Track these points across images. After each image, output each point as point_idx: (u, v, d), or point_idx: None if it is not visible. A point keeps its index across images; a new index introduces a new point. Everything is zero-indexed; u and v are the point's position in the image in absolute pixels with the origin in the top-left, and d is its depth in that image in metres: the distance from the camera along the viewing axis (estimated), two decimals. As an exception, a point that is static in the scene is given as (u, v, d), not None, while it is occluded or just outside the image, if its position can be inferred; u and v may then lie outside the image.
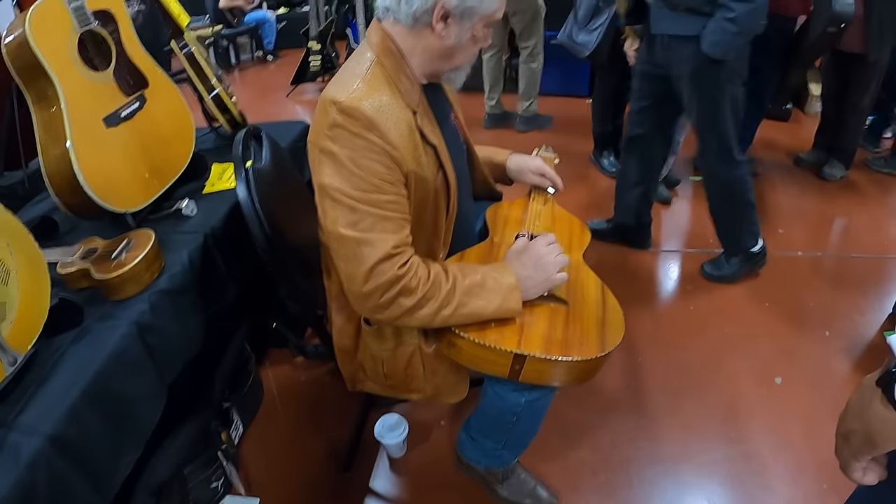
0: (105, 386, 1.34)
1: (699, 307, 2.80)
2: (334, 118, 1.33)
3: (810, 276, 3.03)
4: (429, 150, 1.47)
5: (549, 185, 1.92)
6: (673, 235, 3.42)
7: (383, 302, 1.35)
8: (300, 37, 6.24)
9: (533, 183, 1.93)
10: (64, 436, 1.22)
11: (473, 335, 1.41)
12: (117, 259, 1.56)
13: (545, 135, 4.82)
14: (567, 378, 1.45)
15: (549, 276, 1.48)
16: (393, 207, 1.36)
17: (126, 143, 1.78)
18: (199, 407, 1.88)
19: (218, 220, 1.87)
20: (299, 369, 2.54)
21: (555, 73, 5.22)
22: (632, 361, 2.49)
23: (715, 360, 2.48)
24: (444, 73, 1.50)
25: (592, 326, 1.48)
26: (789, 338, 2.60)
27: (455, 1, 1.34)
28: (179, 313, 1.62)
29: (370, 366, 1.66)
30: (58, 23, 1.65)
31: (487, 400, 1.61)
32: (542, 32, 4.65)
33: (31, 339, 1.32)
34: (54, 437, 1.20)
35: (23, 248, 1.34)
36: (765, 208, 3.61)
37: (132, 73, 1.86)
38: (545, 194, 1.93)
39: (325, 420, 2.29)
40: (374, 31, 1.46)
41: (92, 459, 1.28)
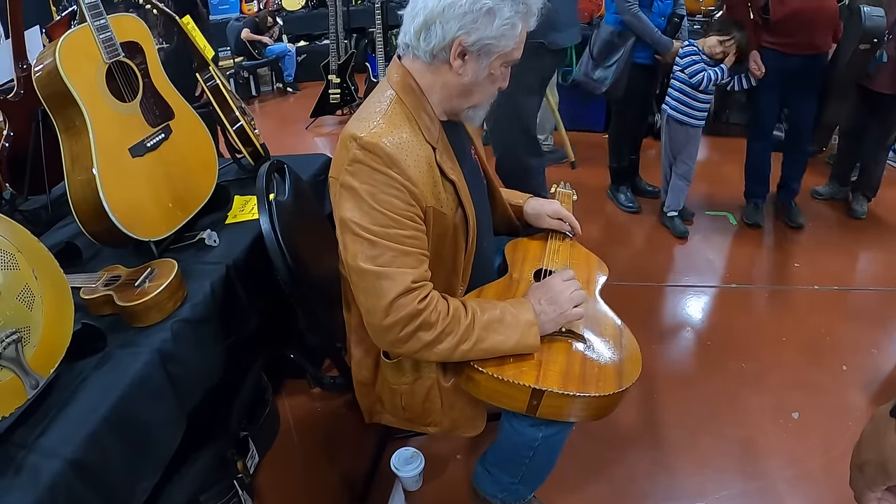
0: (126, 412, 1.35)
1: (716, 342, 2.79)
2: (354, 154, 1.35)
3: (827, 309, 3.01)
4: (448, 186, 1.48)
5: (567, 229, 1.91)
6: (689, 270, 3.41)
7: (403, 335, 1.36)
8: (320, 70, 6.30)
9: (551, 227, 1.92)
10: (84, 460, 1.23)
11: (492, 370, 1.41)
12: (141, 287, 1.58)
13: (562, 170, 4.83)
14: (584, 414, 1.45)
15: (564, 312, 1.48)
16: (412, 243, 1.37)
17: (151, 173, 1.81)
18: (217, 435, 1.88)
19: (240, 252, 1.89)
20: (316, 400, 2.53)
21: (571, 110, 5.25)
22: (648, 396, 2.47)
23: (731, 395, 2.47)
24: (462, 110, 1.51)
25: (610, 362, 1.48)
26: (806, 372, 2.58)
27: (472, 38, 1.35)
28: (201, 342, 1.64)
29: (388, 398, 1.66)
30: (87, 53, 1.69)
31: (504, 434, 1.60)
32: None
33: (53, 363, 1.33)
34: (74, 461, 1.21)
35: (48, 273, 1.36)
36: (781, 242, 3.61)
37: (158, 105, 1.90)
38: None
39: (341, 451, 2.28)
40: (394, 68, 1.49)
41: (110, 484, 1.29)
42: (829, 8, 3.21)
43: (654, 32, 3.42)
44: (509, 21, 1.36)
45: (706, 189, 4.19)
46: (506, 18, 1.35)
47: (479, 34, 1.35)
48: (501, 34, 1.37)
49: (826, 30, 3.27)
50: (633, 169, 4.18)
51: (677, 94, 3.47)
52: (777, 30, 3.25)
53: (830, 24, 3.26)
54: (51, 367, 1.32)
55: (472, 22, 1.34)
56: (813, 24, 3.19)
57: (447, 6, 1.33)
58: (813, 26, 3.19)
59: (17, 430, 1.26)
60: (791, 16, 3.17)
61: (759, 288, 3.18)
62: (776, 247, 3.50)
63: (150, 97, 1.87)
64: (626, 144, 4.00)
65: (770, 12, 3.23)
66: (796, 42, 3.23)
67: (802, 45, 3.24)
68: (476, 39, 1.36)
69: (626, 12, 3.40)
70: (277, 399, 2.47)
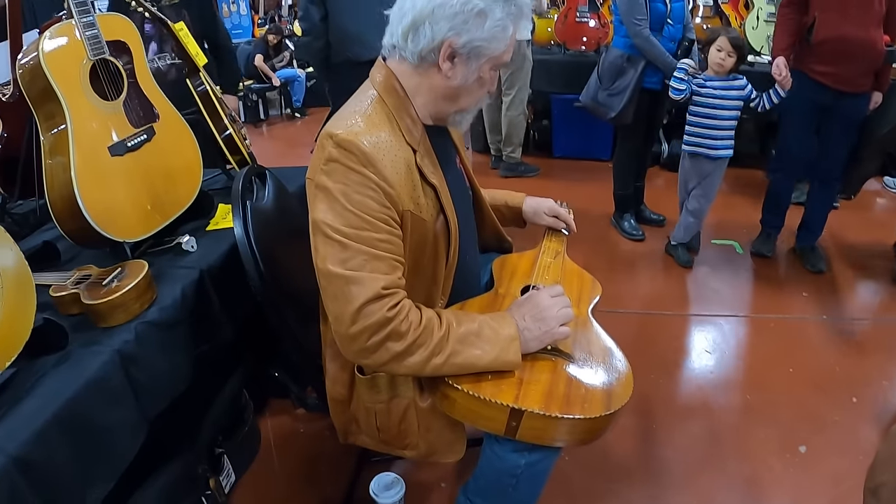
0: (79, 412, 1.30)
1: (720, 373, 2.70)
2: (330, 152, 1.30)
3: (836, 340, 2.92)
4: (428, 191, 1.42)
5: (562, 226, 1.90)
6: (694, 299, 3.33)
7: (370, 345, 1.28)
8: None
9: (547, 224, 1.92)
10: (29, 457, 1.18)
11: (468, 387, 1.32)
12: (108, 286, 1.53)
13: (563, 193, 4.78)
14: (569, 438, 1.35)
15: (549, 329, 1.41)
16: (385, 247, 1.30)
17: (130, 174, 1.76)
18: (185, 448, 1.82)
19: (217, 258, 1.83)
20: (299, 421, 2.46)
21: (576, 137, 5.23)
22: (646, 427, 2.38)
23: (736, 428, 2.37)
24: (448, 114, 1.47)
25: (598, 383, 1.39)
26: (815, 405, 2.49)
27: (462, 40, 1.31)
28: (167, 347, 1.58)
29: (363, 418, 1.58)
30: (71, 48, 1.67)
31: (486, 460, 1.51)
32: (526, 84, 4.71)
33: (9, 357, 1.29)
34: (18, 458, 1.16)
35: (12, 265, 1.33)
36: (789, 271, 3.53)
37: (143, 106, 1.86)
38: (556, 244, 1.87)
39: (322, 475, 2.20)
40: (378, 69, 1.44)
41: (56, 485, 1.23)
42: (875, 44, 3.07)
43: (665, 56, 3.38)
44: (500, 23, 1.32)
45: (713, 217, 4.11)
46: (497, 20, 1.32)
47: (470, 36, 1.31)
48: (492, 36, 1.33)
49: (867, 67, 3.12)
50: (638, 197, 4.12)
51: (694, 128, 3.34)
52: (817, 53, 3.11)
53: (873, 62, 3.11)
54: (6, 362, 1.29)
55: (462, 23, 1.30)
56: (855, 57, 3.05)
57: (437, 6, 1.29)
58: (854, 59, 3.05)
59: (-34, 423, 1.22)
60: (834, 41, 3.04)
61: (765, 318, 3.09)
62: (784, 276, 3.41)
63: (134, 97, 1.83)
64: (632, 171, 3.94)
65: (813, 32, 3.11)
66: (835, 73, 3.09)
67: (840, 79, 3.10)
68: (466, 41, 1.31)
69: (638, 35, 3.37)
70: (260, 419, 2.40)
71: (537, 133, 5.45)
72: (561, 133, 5.29)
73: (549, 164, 5.24)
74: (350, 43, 3.26)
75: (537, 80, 4.94)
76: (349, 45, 3.27)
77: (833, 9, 3.02)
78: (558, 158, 5.33)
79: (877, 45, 3.07)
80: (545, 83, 5.00)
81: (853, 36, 3.01)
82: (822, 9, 3.06)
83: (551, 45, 5.17)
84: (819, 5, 3.07)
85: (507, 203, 1.94)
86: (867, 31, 3.02)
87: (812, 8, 3.11)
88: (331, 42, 3.37)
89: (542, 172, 4.99)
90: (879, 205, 4.43)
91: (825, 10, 3.05)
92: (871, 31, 3.03)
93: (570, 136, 5.21)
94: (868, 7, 3.00)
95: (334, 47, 3.38)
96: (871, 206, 4.38)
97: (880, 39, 3.08)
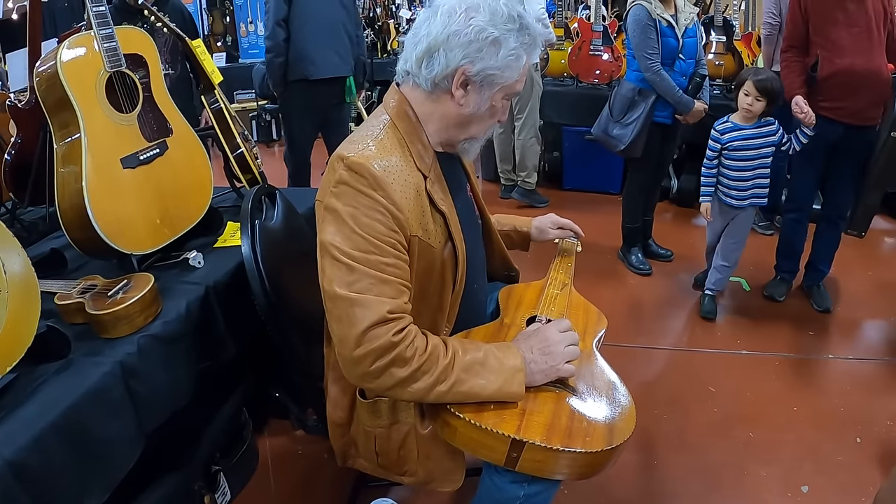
0: (77, 421, 1.31)
1: (723, 409, 2.66)
2: (340, 174, 1.31)
3: (841, 379, 2.89)
4: (437, 218, 1.42)
5: (569, 236, 1.93)
6: (698, 335, 3.30)
7: (374, 370, 1.27)
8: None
9: (555, 236, 1.96)
10: (23, 463, 1.19)
11: (470, 416, 1.31)
12: (113, 297, 1.53)
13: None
14: (569, 471, 1.34)
15: (555, 365, 1.40)
16: (392, 272, 1.30)
17: (141, 187, 1.77)
18: (183, 464, 1.81)
19: (223, 275, 1.84)
20: (298, 443, 2.44)
21: (587, 170, 5.23)
22: (648, 462, 2.35)
23: (738, 466, 2.34)
24: (458, 141, 1.47)
25: (601, 417, 1.38)
26: (818, 444, 2.46)
27: (476, 68, 1.32)
28: (169, 361, 1.58)
29: (363, 442, 1.57)
30: (89, 59, 1.69)
31: (484, 490, 1.49)
32: (536, 108, 4.73)
33: (11, 362, 1.29)
34: (13, 463, 1.17)
35: (18, 271, 1.33)
36: (795, 309, 3.49)
37: (157, 120, 1.87)
38: (563, 276, 1.86)
39: (318, 497, 2.18)
40: (391, 94, 1.45)
41: (51, 494, 1.24)
42: (881, 72, 3.04)
43: (675, 91, 3.39)
44: (514, 52, 1.33)
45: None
46: (511, 49, 1.32)
47: (483, 64, 1.32)
48: (506, 65, 1.33)
49: (876, 98, 3.07)
50: (647, 231, 4.10)
51: (722, 177, 3.23)
52: (824, 90, 3.09)
53: (882, 92, 3.07)
54: (7, 366, 1.29)
55: (476, 51, 1.31)
56: (862, 88, 3.02)
57: (452, 34, 1.30)
58: (862, 90, 3.02)
59: (-37, 425, 1.23)
60: (839, 75, 3.02)
61: (770, 355, 3.05)
62: (790, 314, 3.38)
63: (148, 111, 1.85)
64: (641, 205, 3.93)
65: (818, 69, 3.09)
66: (843, 108, 3.06)
67: (849, 112, 3.06)
68: (480, 69, 1.32)
69: (649, 70, 3.38)
70: (259, 438, 2.38)
71: (548, 164, 5.45)
72: (571, 165, 5.28)
73: (558, 195, 5.23)
74: (307, 63, 3.81)
75: (549, 112, 4.95)
76: (306, 64, 3.81)
77: (834, 44, 3.02)
78: (568, 190, 5.31)
79: (882, 73, 3.05)
80: (557, 115, 5.01)
81: (859, 67, 3.00)
82: (822, 46, 3.06)
83: (564, 77, 5.19)
84: (819, 44, 3.07)
85: (515, 227, 1.97)
86: (871, 59, 3.01)
87: (813, 47, 3.10)
88: (289, 61, 3.82)
89: (552, 203, 4.98)
90: (887, 244, 4.42)
91: (825, 47, 3.05)
92: (875, 59, 3.02)
93: (581, 169, 5.20)
94: (868, 36, 3.00)
95: (292, 66, 3.83)
96: (879, 244, 4.36)
97: (885, 67, 3.07)
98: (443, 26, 1.31)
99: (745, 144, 3.13)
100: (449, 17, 1.31)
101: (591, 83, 4.91)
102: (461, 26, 1.30)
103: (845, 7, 3.00)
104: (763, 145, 3.13)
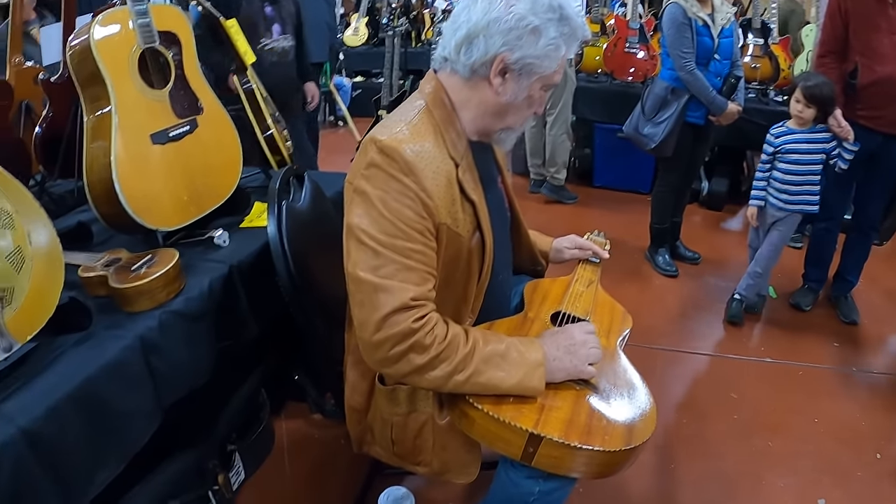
0: (94, 392, 1.31)
1: (744, 417, 2.63)
2: (372, 157, 1.30)
3: (864, 393, 2.84)
4: (467, 207, 1.41)
5: (588, 255, 1.88)
6: (722, 340, 3.26)
7: (392, 355, 1.26)
8: (372, 105, 6.38)
9: (571, 257, 1.90)
10: (39, 433, 1.19)
11: (488, 407, 1.30)
12: (136, 272, 1.53)
13: (600, 221, 4.74)
14: (586, 470, 1.32)
15: (577, 365, 1.38)
16: (418, 258, 1.29)
17: (170, 163, 1.77)
18: (199, 442, 1.82)
19: (248, 255, 1.83)
20: (315, 426, 2.44)
21: (617, 168, 5.17)
22: (664, 466, 2.33)
23: (755, 475, 2.31)
24: (494, 131, 1.45)
25: (621, 416, 1.36)
26: (837, 457, 2.42)
27: (515, 55, 1.30)
28: (190, 338, 1.58)
29: (379, 429, 1.56)
30: (122, 35, 1.69)
31: (498, 484, 1.48)
32: (569, 104, 4.72)
33: (31, 331, 1.30)
34: (29, 431, 1.17)
35: (44, 241, 1.35)
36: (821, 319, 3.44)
37: (188, 98, 1.87)
38: (590, 273, 1.84)
39: (332, 482, 2.18)
40: (428, 80, 1.44)
41: (65, 464, 1.24)
42: None
43: (709, 92, 3.34)
44: (554, 42, 1.31)
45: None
46: (551, 39, 1.31)
47: (523, 52, 1.31)
48: (545, 54, 1.32)
49: None
50: (675, 232, 4.06)
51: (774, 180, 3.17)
52: (863, 99, 3.01)
53: None
54: (28, 335, 1.29)
55: (516, 39, 1.29)
56: None
57: (492, 21, 1.29)
58: None
59: (-19, 391, 1.24)
60: (879, 83, 2.94)
61: (794, 365, 3.01)
62: (815, 325, 3.32)
63: (180, 88, 1.85)
64: (670, 205, 3.88)
65: (857, 77, 3.01)
66: (882, 117, 2.99)
67: (888, 122, 2.99)
68: (519, 57, 1.31)
69: (683, 69, 3.33)
70: (275, 420, 2.39)
71: (578, 161, 5.41)
72: (602, 162, 5.23)
73: (587, 192, 5.19)
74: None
75: (582, 108, 4.91)
76: None
77: (874, 51, 2.94)
78: (597, 188, 5.27)
79: None
80: (589, 111, 4.96)
81: None
82: (861, 53, 2.97)
83: (598, 73, 5.15)
84: (859, 50, 2.98)
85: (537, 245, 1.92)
86: None
87: (852, 53, 3.02)
88: None
89: (580, 201, 4.94)
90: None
91: (865, 54, 2.96)
92: None
93: (611, 167, 5.15)
94: None
95: None
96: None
97: None
98: (483, 13, 1.29)
99: (796, 148, 3.08)
100: (490, 3, 1.29)
101: (625, 81, 4.86)
102: (502, 13, 1.28)
103: (888, 13, 2.91)
104: (814, 151, 3.07)
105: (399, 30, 5.74)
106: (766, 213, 3.24)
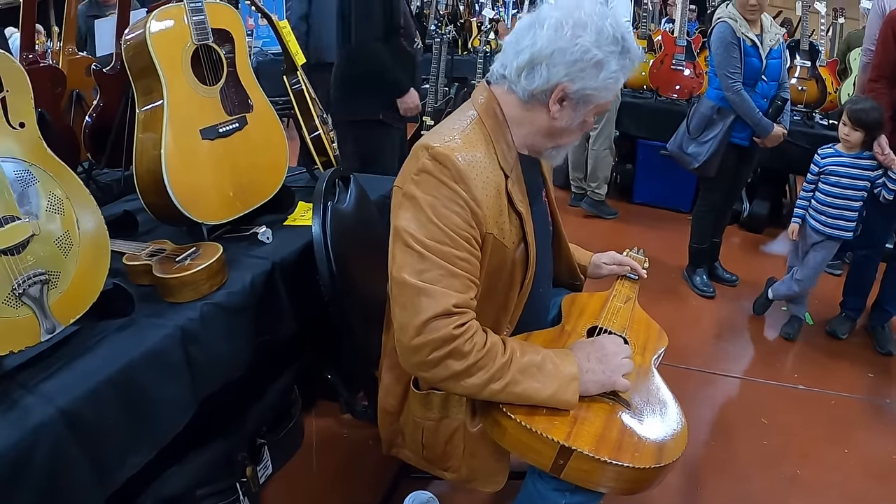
0: (133, 379, 1.34)
1: (774, 442, 2.59)
2: (424, 163, 1.31)
3: (897, 427, 2.78)
4: (514, 219, 1.42)
5: (626, 271, 1.89)
6: (755, 364, 3.22)
7: (431, 360, 1.27)
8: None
9: (609, 272, 1.90)
10: (78, 414, 1.22)
11: (521, 417, 1.31)
12: (181, 263, 1.57)
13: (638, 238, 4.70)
14: (614, 485, 1.32)
15: (610, 377, 1.38)
16: (463, 266, 1.30)
17: (218, 159, 1.81)
18: (230, 433, 1.84)
19: (290, 253, 1.86)
20: (345, 426, 2.46)
21: (659, 185, 5.14)
22: (691, 488, 2.30)
23: (782, 502, 2.28)
24: (545, 149, 1.47)
25: (652, 434, 1.36)
26: (865, 490, 2.37)
27: (576, 87, 1.32)
28: (229, 332, 1.60)
29: (410, 432, 1.57)
30: (177, 30, 1.73)
31: (525, 494, 1.48)
32: (612, 119, 4.70)
33: (75, 314, 1.34)
34: (67, 412, 1.20)
35: (92, 227, 1.38)
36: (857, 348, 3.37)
37: (239, 95, 1.90)
38: (628, 289, 1.84)
39: (358, 482, 2.20)
40: (480, 91, 1.45)
41: (100, 446, 1.27)
42: None
43: (755, 113, 3.30)
44: (615, 75, 1.33)
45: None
46: (612, 72, 1.33)
47: (583, 83, 1.32)
48: (605, 86, 1.34)
49: None
50: (714, 253, 4.01)
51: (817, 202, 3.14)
52: None
53: None
54: (71, 318, 1.33)
55: (579, 71, 1.31)
56: None
57: (557, 50, 1.30)
58: None
59: (24, 370, 1.28)
60: None
61: (826, 393, 2.96)
62: (851, 353, 3.26)
63: (231, 86, 1.88)
64: (710, 226, 3.84)
65: None
66: None
67: None
68: (579, 88, 1.32)
69: (730, 89, 3.30)
70: (306, 417, 2.42)
71: (620, 176, 5.38)
72: (643, 179, 5.21)
73: (627, 208, 5.17)
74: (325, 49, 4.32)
75: (625, 124, 4.88)
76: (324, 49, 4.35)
77: None
78: (637, 204, 5.24)
79: None
80: (633, 127, 4.93)
81: None
82: None
83: (644, 89, 5.12)
84: None
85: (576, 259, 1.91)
86: None
87: None
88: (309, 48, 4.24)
89: (620, 217, 4.92)
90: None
91: None
92: None
93: (653, 184, 5.11)
94: None
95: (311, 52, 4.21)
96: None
97: None
98: (549, 41, 1.30)
99: (840, 171, 3.05)
100: (556, 31, 1.30)
101: (670, 98, 4.83)
102: (567, 44, 1.29)
103: None
104: (857, 176, 3.03)
105: (446, 37, 5.75)
106: (807, 233, 3.21)
